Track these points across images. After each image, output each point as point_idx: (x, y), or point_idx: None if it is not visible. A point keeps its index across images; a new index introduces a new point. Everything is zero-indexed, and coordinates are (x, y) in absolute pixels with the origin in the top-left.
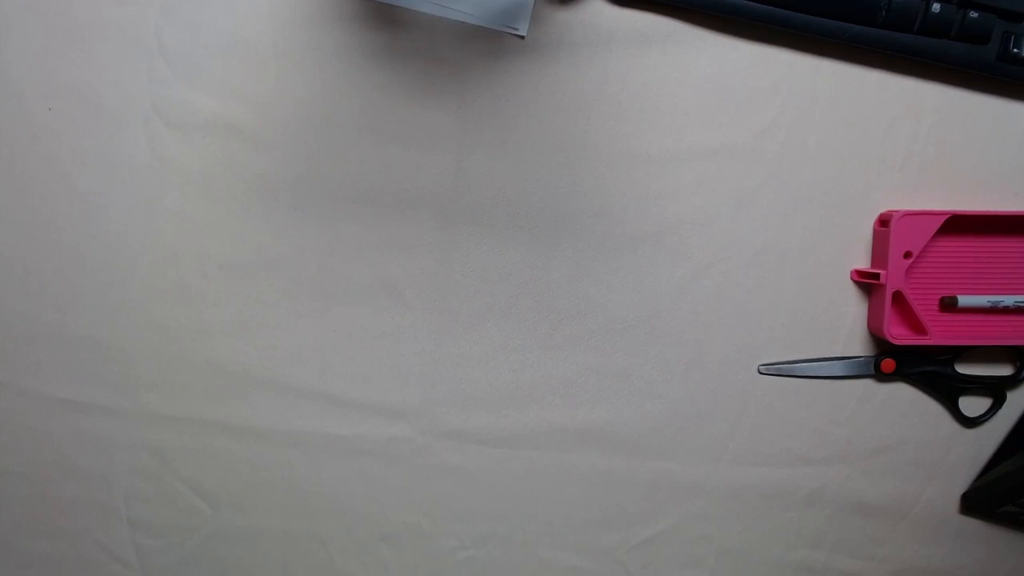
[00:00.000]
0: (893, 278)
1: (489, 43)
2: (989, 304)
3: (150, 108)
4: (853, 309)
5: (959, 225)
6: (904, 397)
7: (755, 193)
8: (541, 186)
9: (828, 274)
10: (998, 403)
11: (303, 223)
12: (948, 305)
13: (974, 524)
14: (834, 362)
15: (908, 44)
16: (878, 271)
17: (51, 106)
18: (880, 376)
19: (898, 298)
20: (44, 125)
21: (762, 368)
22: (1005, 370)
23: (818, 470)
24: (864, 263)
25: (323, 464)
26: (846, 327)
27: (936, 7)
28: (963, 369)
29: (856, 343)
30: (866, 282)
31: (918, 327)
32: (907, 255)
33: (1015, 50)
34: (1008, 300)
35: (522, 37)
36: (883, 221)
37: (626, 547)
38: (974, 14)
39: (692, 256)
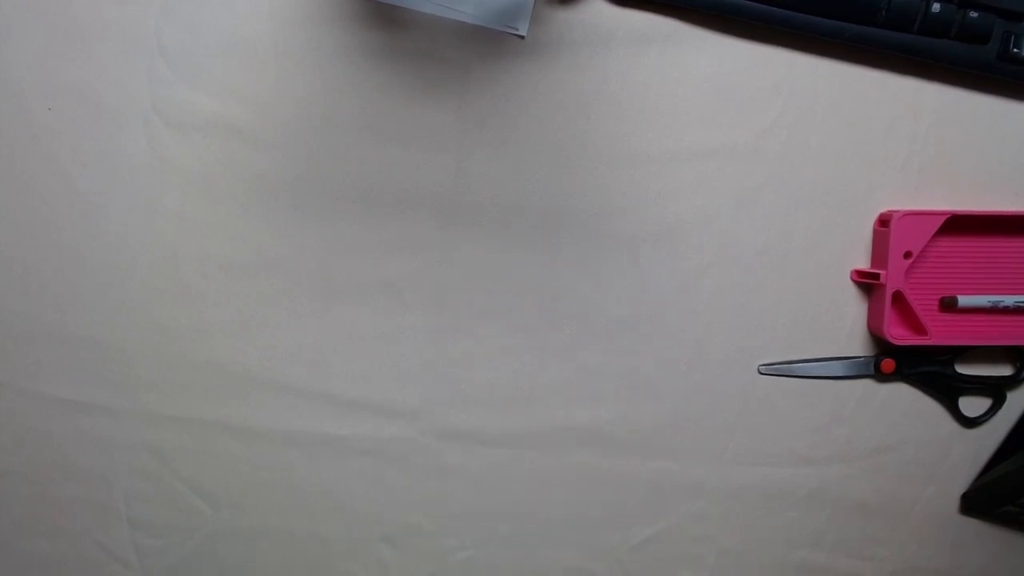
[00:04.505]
0: (893, 278)
1: (489, 43)
2: (989, 304)
3: (150, 108)
4: (853, 309)
5: (959, 225)
6: (904, 397)
7: (756, 193)
8: (541, 186)
9: (828, 274)
10: (998, 403)
11: (303, 223)
12: (948, 305)
13: (974, 524)
14: (834, 362)
15: (908, 44)
16: (878, 271)
17: (51, 106)
18: (880, 376)
19: (898, 298)
20: (44, 125)
21: (762, 368)
22: (1005, 370)
23: (818, 470)
24: (864, 263)
25: (323, 464)
26: (846, 327)
27: (936, 7)
28: (963, 369)
29: (856, 343)
30: (866, 282)
31: (918, 327)
32: (907, 255)
33: (1015, 50)
34: (1008, 300)
35: (522, 37)
36: (883, 221)
37: (626, 547)
38: (974, 14)
39: (692, 256)
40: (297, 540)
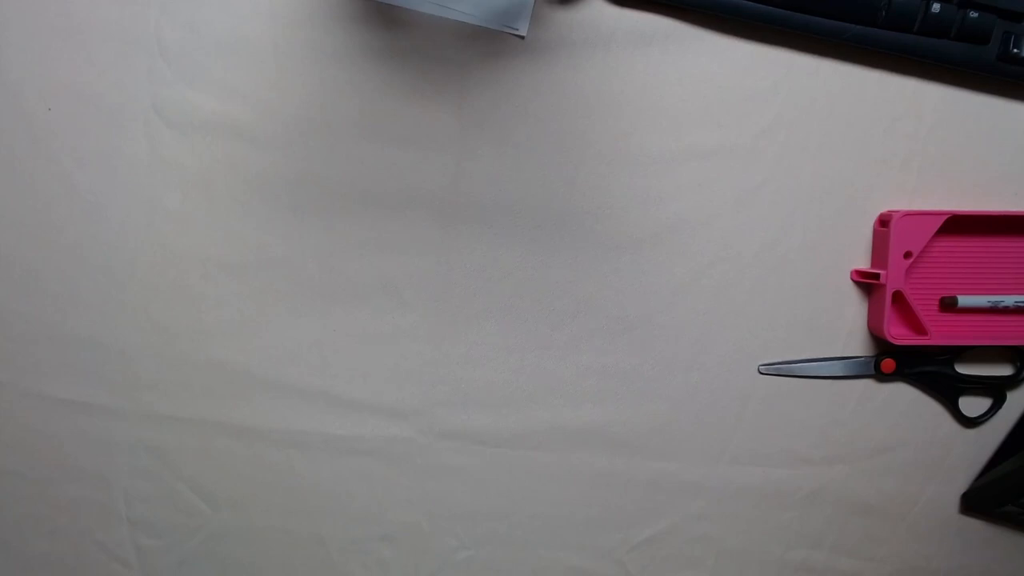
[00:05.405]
0: (893, 278)
1: (489, 43)
2: (989, 304)
3: (150, 108)
4: (853, 309)
5: (959, 225)
6: (904, 397)
7: (755, 193)
8: (541, 186)
9: (828, 274)
10: (998, 403)
11: (303, 223)
12: (948, 305)
13: (974, 524)
14: (834, 362)
15: (908, 44)
16: (878, 271)
17: (51, 106)
18: (880, 376)
19: (898, 298)
20: (44, 125)
21: (762, 368)
22: (1005, 370)
23: (818, 470)
24: (864, 263)
25: (323, 464)
26: (846, 327)
27: (936, 7)
28: (963, 369)
29: (856, 343)
30: (866, 282)
31: (918, 327)
32: (907, 255)
33: (1015, 50)
34: (1008, 300)
35: (522, 37)
36: (883, 221)
37: (626, 547)
38: (974, 14)
39: (692, 256)
40: (297, 540)
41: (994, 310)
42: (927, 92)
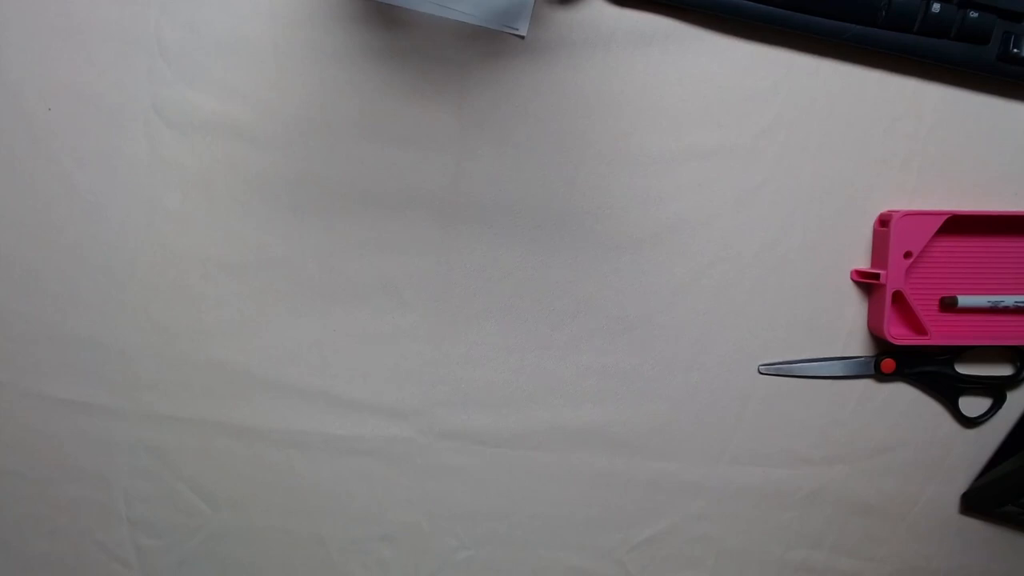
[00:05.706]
0: (893, 278)
1: (489, 43)
2: (989, 304)
3: (150, 108)
4: (853, 309)
5: (959, 225)
6: (904, 397)
7: (755, 193)
8: (541, 186)
9: (828, 274)
10: (998, 403)
11: (303, 223)
12: (948, 305)
13: (974, 524)
14: (834, 362)
15: (908, 44)
16: (878, 271)
17: (51, 106)
18: (880, 376)
19: (898, 298)
20: (44, 125)
21: (762, 368)
22: (1005, 370)
23: (818, 470)
24: (864, 263)
25: (323, 464)
26: (846, 327)
27: (936, 7)
28: (963, 369)
29: (856, 343)
30: (866, 282)
31: (918, 327)
32: (907, 255)
33: (1015, 50)
34: (1008, 300)
35: (522, 37)
36: (883, 221)
37: (626, 547)
38: (974, 14)
39: (692, 256)
40: (297, 540)
41: (994, 310)
42: (927, 92)
